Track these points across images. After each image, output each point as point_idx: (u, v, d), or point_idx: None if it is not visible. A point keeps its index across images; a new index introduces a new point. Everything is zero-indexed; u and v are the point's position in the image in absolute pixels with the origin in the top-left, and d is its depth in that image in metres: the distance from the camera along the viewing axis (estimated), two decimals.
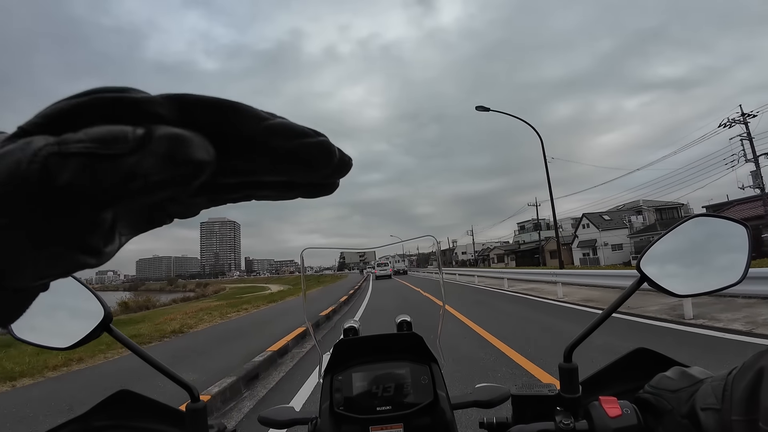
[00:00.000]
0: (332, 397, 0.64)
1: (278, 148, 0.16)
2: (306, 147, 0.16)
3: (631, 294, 0.52)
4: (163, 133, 0.14)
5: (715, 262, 0.52)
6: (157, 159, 0.13)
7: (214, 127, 0.15)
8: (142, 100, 0.14)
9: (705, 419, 0.39)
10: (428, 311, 7.59)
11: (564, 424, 0.49)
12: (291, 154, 0.16)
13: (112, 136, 0.13)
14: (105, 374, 4.09)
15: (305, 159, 0.16)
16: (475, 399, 0.67)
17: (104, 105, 0.14)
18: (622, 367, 0.56)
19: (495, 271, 18.71)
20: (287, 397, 3.24)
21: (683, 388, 0.44)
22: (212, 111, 0.15)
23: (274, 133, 0.16)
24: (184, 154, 0.14)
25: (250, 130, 0.15)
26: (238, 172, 0.17)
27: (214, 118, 0.15)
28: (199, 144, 0.14)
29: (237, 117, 0.15)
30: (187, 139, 0.14)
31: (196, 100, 0.15)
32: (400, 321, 0.83)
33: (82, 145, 0.13)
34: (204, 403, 0.58)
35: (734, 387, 0.37)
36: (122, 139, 0.13)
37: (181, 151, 0.14)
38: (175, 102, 0.15)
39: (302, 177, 0.17)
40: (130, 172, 0.13)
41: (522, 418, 0.55)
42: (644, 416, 0.46)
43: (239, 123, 0.15)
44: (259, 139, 0.16)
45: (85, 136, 0.13)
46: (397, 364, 0.66)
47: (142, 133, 0.13)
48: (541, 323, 5.75)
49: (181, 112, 0.15)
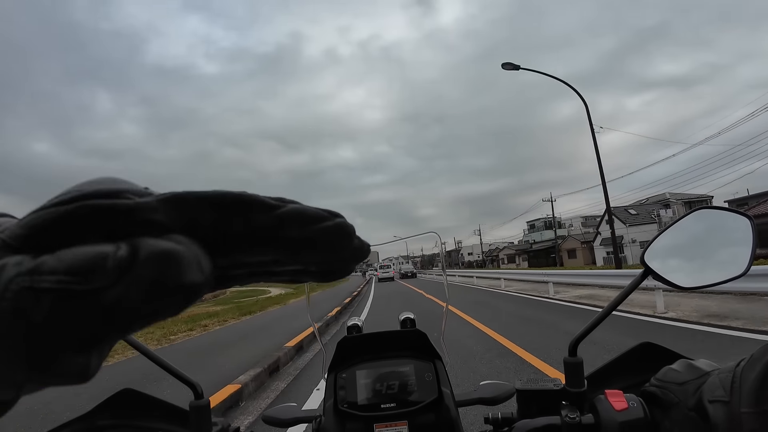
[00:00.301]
0: (336, 395, 0.64)
1: (293, 237, 0.14)
2: (323, 232, 0.15)
3: (636, 287, 0.52)
4: (149, 252, 0.12)
5: (720, 254, 0.52)
6: (143, 288, 0.12)
7: (220, 226, 0.14)
8: (134, 208, 0.13)
9: (713, 411, 0.38)
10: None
11: (570, 418, 0.49)
12: (307, 241, 0.14)
13: (90, 264, 0.11)
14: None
15: (323, 245, 0.15)
16: (480, 396, 0.67)
17: (93, 213, 0.13)
18: (627, 362, 0.56)
19: (528, 273, 14.96)
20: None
21: (690, 380, 0.43)
22: (215, 209, 0.14)
23: (286, 222, 0.14)
24: (175, 277, 0.12)
25: (260, 223, 0.14)
26: (250, 264, 0.15)
27: (219, 217, 0.14)
28: (191, 261, 0.12)
29: (244, 211, 0.14)
30: (176, 257, 0.12)
31: (197, 198, 0.13)
32: (403, 318, 0.83)
33: (55, 278, 0.11)
34: (207, 401, 0.58)
35: (743, 378, 0.37)
36: (100, 269, 0.11)
37: (171, 273, 0.12)
38: (172, 204, 0.13)
39: (319, 263, 0.16)
40: (112, 308, 0.11)
41: (527, 412, 0.55)
42: (651, 409, 0.46)
43: (246, 216, 0.14)
44: (270, 231, 0.14)
45: (60, 265, 0.11)
46: (401, 362, 0.66)
47: (124, 256, 0.12)
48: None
49: (180, 215, 0.13)
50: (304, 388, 3.52)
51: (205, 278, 0.13)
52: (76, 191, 0.13)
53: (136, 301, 0.12)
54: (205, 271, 0.13)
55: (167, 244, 0.12)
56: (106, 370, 4.48)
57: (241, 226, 0.14)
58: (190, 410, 0.57)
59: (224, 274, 0.16)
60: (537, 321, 6.12)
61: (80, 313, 0.11)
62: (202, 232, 0.14)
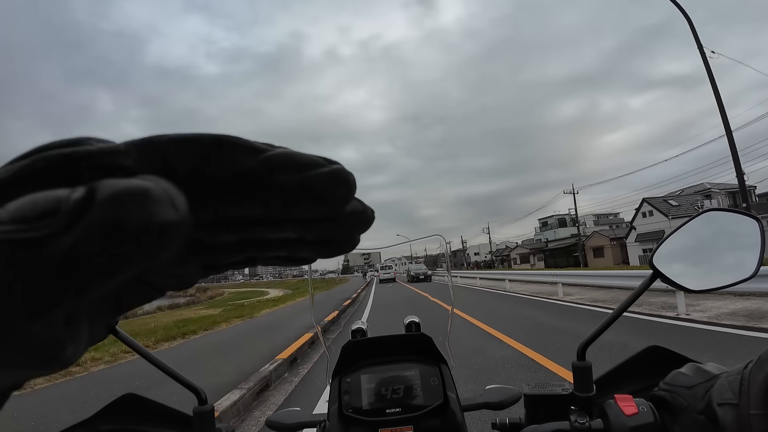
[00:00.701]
0: (341, 400, 0.63)
1: (284, 184, 0.13)
2: (318, 178, 0.13)
3: (645, 290, 0.51)
4: (110, 192, 0.10)
5: (728, 256, 0.52)
6: (101, 231, 0.09)
7: (197, 169, 0.12)
8: (97, 151, 0.11)
9: (722, 414, 0.38)
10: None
11: (579, 423, 0.48)
12: (300, 188, 0.13)
13: (38, 209, 0.10)
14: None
15: (319, 193, 0.13)
16: (486, 401, 0.66)
17: (51, 165, 0.11)
18: (635, 366, 0.55)
19: (540, 274, 13.48)
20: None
21: (699, 384, 0.43)
22: (191, 151, 0.12)
23: (275, 166, 0.13)
24: (141, 217, 0.10)
25: (245, 167, 0.12)
26: (238, 225, 0.13)
27: (196, 160, 0.12)
28: (162, 198, 0.10)
29: (225, 153, 0.12)
30: (142, 193, 0.10)
31: (170, 140, 0.12)
32: (408, 322, 0.82)
33: (2, 228, 0.09)
34: (211, 406, 0.57)
35: (751, 381, 0.37)
36: (50, 213, 0.09)
37: (135, 213, 0.10)
38: (144, 148, 0.12)
39: (317, 229, 0.14)
40: (67, 258, 0.09)
41: (535, 418, 0.54)
42: (660, 414, 0.45)
43: (229, 160, 0.12)
44: (258, 177, 0.13)
45: (6, 216, 0.10)
46: (406, 366, 0.65)
47: (79, 198, 0.10)
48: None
49: (153, 159, 0.12)
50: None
51: (180, 217, 0.11)
52: (37, 147, 0.11)
53: (94, 247, 0.10)
54: (179, 208, 0.11)
55: (131, 181, 0.10)
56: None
57: (224, 171, 0.12)
58: (194, 416, 0.56)
59: (212, 262, 0.14)
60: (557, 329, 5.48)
61: (31, 267, 0.09)
62: (180, 177, 0.12)
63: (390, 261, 31.33)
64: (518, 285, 13.80)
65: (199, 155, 0.12)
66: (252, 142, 0.13)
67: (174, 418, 0.58)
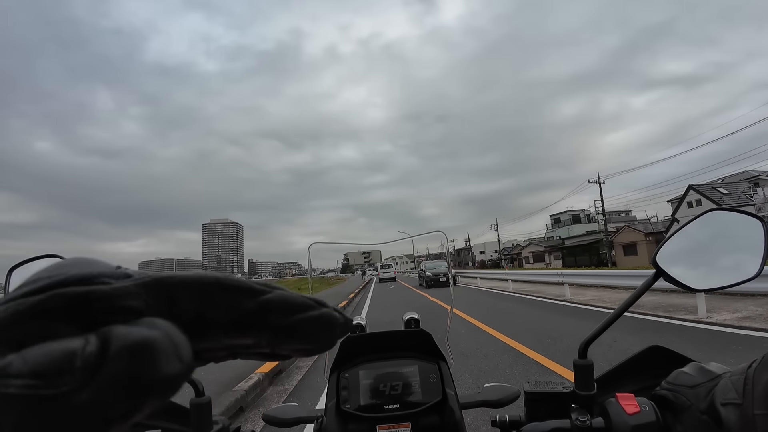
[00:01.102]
0: (339, 395, 0.63)
1: (276, 324, 0.14)
2: (308, 322, 0.15)
3: (647, 289, 0.51)
4: (121, 345, 0.11)
5: (731, 256, 0.52)
6: (116, 388, 0.11)
7: (202, 310, 0.13)
8: (110, 294, 0.12)
9: (726, 414, 0.38)
10: None
11: (580, 422, 0.48)
12: (290, 329, 0.15)
13: (56, 365, 0.10)
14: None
15: (306, 335, 0.15)
16: (484, 399, 0.66)
17: (67, 303, 0.12)
18: (636, 365, 0.55)
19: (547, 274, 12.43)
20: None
21: (702, 383, 0.43)
22: (196, 293, 0.13)
23: (272, 308, 0.14)
24: (151, 370, 0.11)
25: (244, 310, 0.14)
26: (230, 346, 0.15)
27: (200, 301, 0.13)
28: (168, 351, 0.11)
29: (227, 294, 0.14)
30: (151, 347, 0.11)
31: (177, 281, 0.13)
32: (408, 318, 0.82)
33: (22, 382, 0.10)
34: (209, 398, 0.57)
35: (756, 381, 0.36)
36: (68, 370, 0.10)
37: (147, 366, 0.11)
38: (152, 289, 0.13)
39: (300, 350, 0.16)
40: (84, 411, 0.10)
41: (535, 415, 0.54)
42: (662, 413, 0.45)
43: (230, 302, 0.14)
44: (254, 318, 0.14)
45: (25, 367, 0.10)
46: (404, 362, 0.65)
47: (93, 351, 0.11)
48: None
49: (160, 300, 0.13)
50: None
51: (185, 367, 0.12)
52: (47, 278, 0.12)
53: (108, 399, 0.11)
54: (184, 359, 0.12)
55: (140, 331, 0.11)
56: None
57: (224, 312, 0.14)
58: (191, 408, 0.56)
59: (200, 356, 0.15)
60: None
61: (51, 419, 0.10)
62: (184, 316, 0.13)
63: (390, 260, 31.08)
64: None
65: (204, 298, 0.13)
66: (251, 284, 0.14)
67: (172, 410, 0.57)
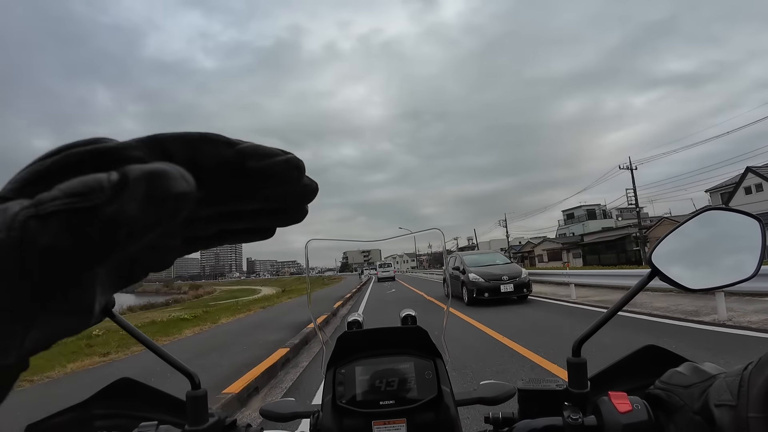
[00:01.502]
0: (335, 391, 0.63)
1: (252, 168, 0.17)
2: (277, 164, 0.17)
3: (642, 288, 0.51)
4: (139, 172, 0.13)
5: (728, 256, 0.52)
6: (138, 200, 0.13)
7: (190, 158, 0.16)
8: (115, 147, 0.15)
9: (719, 416, 0.38)
10: None
11: (572, 419, 0.48)
12: (264, 172, 0.17)
13: (87, 187, 0.13)
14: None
15: (278, 175, 0.17)
16: (480, 396, 0.66)
17: (78, 159, 0.14)
18: (631, 364, 0.55)
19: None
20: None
21: (696, 383, 0.43)
22: (185, 144, 0.16)
23: (246, 155, 0.17)
24: (165, 188, 0.13)
25: (223, 156, 0.17)
26: (216, 201, 0.18)
27: (189, 151, 0.16)
28: (176, 175, 0.14)
29: (210, 145, 0.16)
30: (163, 172, 0.14)
31: (168, 136, 0.16)
32: (404, 315, 0.82)
33: (60, 202, 0.12)
34: (205, 391, 0.57)
35: (751, 383, 0.36)
36: (98, 188, 0.13)
37: (161, 186, 0.13)
38: (148, 142, 0.16)
39: (276, 195, 0.18)
40: (113, 220, 0.13)
41: (528, 413, 0.54)
42: (655, 412, 0.45)
43: (213, 151, 0.16)
44: (233, 163, 0.17)
45: (60, 193, 0.13)
46: (401, 359, 0.65)
47: (117, 178, 0.13)
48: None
49: (154, 152, 0.15)
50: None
51: (191, 188, 0.14)
52: (60, 147, 0.15)
53: (133, 211, 0.13)
54: (189, 182, 0.14)
55: (152, 164, 0.14)
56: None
57: (210, 159, 0.16)
58: (187, 400, 0.56)
59: (192, 234, 0.18)
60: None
61: (85, 229, 0.12)
62: (177, 162, 0.15)
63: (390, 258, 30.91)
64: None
65: (191, 148, 0.16)
66: (228, 137, 0.17)
67: (168, 402, 0.58)
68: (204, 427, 0.56)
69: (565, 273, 10.34)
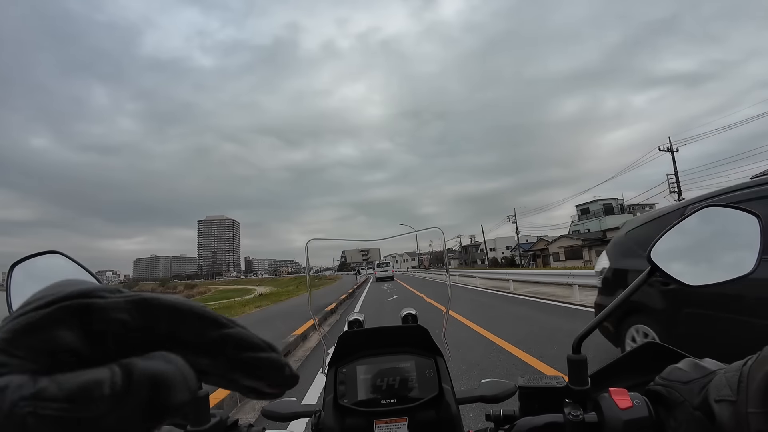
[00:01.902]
0: (336, 390, 0.63)
1: (230, 356, 0.17)
2: (256, 361, 0.17)
3: (641, 285, 0.51)
4: (142, 376, 0.13)
5: (727, 252, 0.52)
6: (138, 412, 0.13)
7: (174, 329, 0.16)
8: (106, 307, 0.15)
9: (719, 411, 0.38)
10: None
11: (573, 416, 0.48)
12: (241, 363, 0.17)
13: (88, 392, 0.13)
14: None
15: (254, 371, 0.17)
16: (481, 394, 0.66)
17: (69, 314, 0.14)
18: (631, 361, 0.55)
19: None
20: None
21: (695, 379, 0.43)
22: (174, 316, 0.16)
23: (228, 342, 0.17)
24: (165, 398, 0.13)
25: (207, 338, 0.16)
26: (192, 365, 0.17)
27: (176, 324, 0.16)
28: (180, 382, 0.14)
29: (197, 322, 0.16)
30: (167, 379, 0.14)
31: (159, 303, 0.16)
32: (405, 314, 0.82)
33: (57, 405, 0.12)
34: (206, 391, 0.57)
35: (750, 378, 0.36)
36: (99, 397, 0.13)
37: (163, 395, 0.13)
38: (138, 305, 0.15)
39: (248, 385, 0.18)
40: (110, 428, 0.13)
41: (529, 410, 0.54)
42: (655, 408, 0.45)
43: (198, 329, 0.16)
44: (216, 347, 0.16)
45: (60, 393, 0.12)
46: (402, 357, 0.65)
47: (119, 382, 0.13)
48: None
49: (144, 317, 0.15)
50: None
51: (192, 395, 0.14)
52: (51, 295, 0.15)
53: (132, 423, 0.13)
54: (192, 389, 0.14)
55: (157, 365, 0.14)
56: None
57: (192, 336, 0.16)
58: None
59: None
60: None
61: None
62: (159, 332, 0.15)
63: (390, 257, 30.67)
64: None
65: (178, 321, 0.16)
66: (219, 317, 0.17)
67: None
68: (206, 427, 0.56)
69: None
